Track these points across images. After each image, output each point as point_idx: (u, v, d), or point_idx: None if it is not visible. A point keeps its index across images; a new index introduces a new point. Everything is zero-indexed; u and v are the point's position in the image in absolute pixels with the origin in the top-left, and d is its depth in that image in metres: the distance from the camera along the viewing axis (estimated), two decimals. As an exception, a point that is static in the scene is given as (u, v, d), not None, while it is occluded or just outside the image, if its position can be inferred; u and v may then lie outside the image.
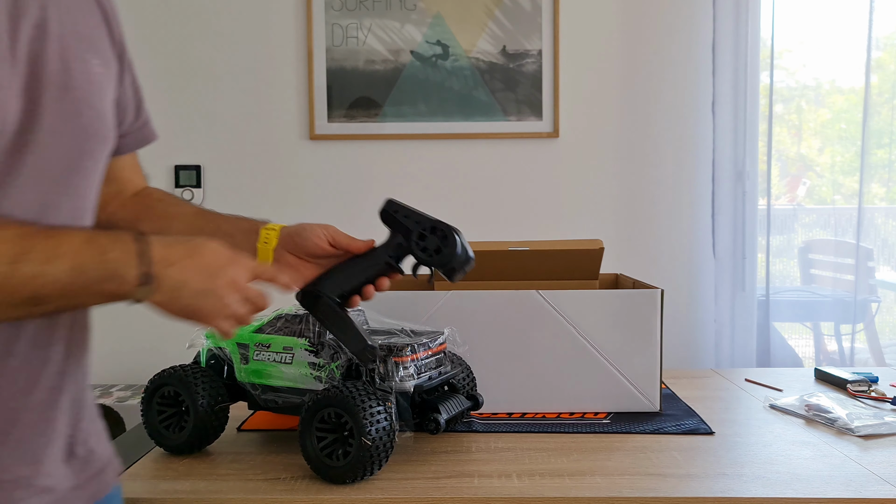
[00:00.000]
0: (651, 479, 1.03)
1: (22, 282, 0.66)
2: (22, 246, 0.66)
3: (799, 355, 2.25)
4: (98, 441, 0.87)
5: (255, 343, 1.17)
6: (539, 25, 2.14)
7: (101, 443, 0.88)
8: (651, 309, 1.31)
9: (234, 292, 0.80)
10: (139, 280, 0.73)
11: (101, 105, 0.82)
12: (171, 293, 0.75)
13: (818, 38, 2.26)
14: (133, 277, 0.72)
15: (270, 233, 0.98)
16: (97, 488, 0.85)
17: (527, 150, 2.19)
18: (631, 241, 2.17)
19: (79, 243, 0.70)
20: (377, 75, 2.15)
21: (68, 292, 0.69)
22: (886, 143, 2.17)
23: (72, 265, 0.69)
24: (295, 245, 0.98)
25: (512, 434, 1.22)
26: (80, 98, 0.77)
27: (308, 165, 2.21)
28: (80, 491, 0.82)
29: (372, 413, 1.00)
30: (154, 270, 0.74)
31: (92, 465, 0.85)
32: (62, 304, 0.71)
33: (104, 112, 0.82)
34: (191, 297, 0.77)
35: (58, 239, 0.69)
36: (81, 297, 0.71)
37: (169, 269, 0.75)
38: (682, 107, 2.15)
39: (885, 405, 1.37)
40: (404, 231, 0.99)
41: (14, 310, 0.68)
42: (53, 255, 0.68)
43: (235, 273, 0.80)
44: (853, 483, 1.01)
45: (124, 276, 0.72)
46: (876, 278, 2.23)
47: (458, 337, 1.24)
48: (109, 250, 0.72)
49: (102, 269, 0.71)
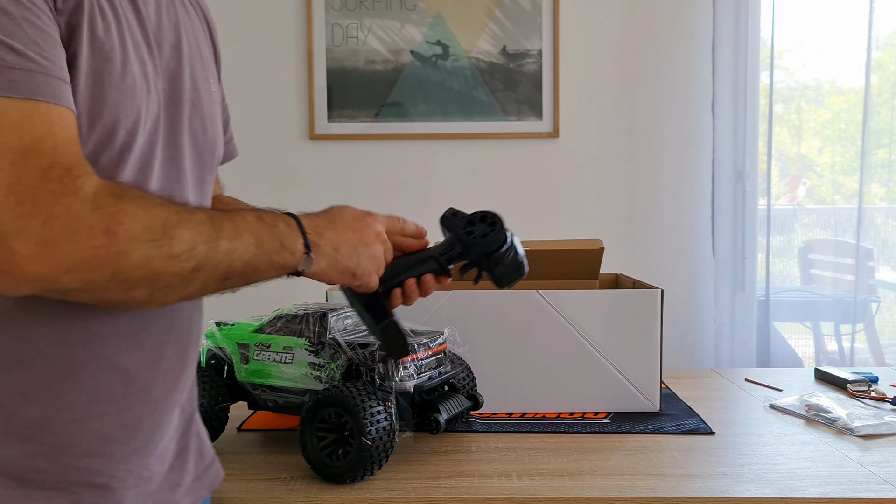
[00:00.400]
0: (651, 479, 1.03)
1: (220, 259, 0.70)
2: (214, 226, 0.70)
3: (799, 355, 2.25)
4: (205, 432, 0.92)
5: (255, 343, 1.17)
6: (539, 25, 2.14)
7: (206, 434, 0.93)
8: (651, 309, 1.31)
9: (380, 242, 0.87)
10: (304, 249, 0.77)
11: (217, 122, 0.88)
12: (330, 257, 0.80)
13: (818, 38, 2.26)
14: (300, 246, 0.77)
15: None
16: (212, 479, 0.90)
17: (527, 150, 2.19)
18: (631, 241, 2.17)
19: (252, 220, 0.74)
20: (377, 75, 2.15)
21: (252, 266, 0.73)
22: (886, 143, 2.17)
23: (254, 240, 0.73)
24: None
25: (512, 434, 1.22)
26: (205, 115, 0.83)
27: (308, 165, 2.21)
28: (198, 483, 0.86)
29: (372, 413, 1.00)
30: (312, 239, 0.79)
31: (205, 457, 0.90)
32: (244, 278, 0.74)
33: (220, 129, 0.89)
34: (348, 257, 0.82)
35: (236, 218, 0.73)
36: (260, 271, 0.74)
37: (322, 236, 0.80)
38: (682, 107, 2.15)
39: (885, 405, 1.37)
40: (455, 229, 0.97)
41: (211, 284, 0.71)
42: (238, 232, 0.72)
43: (376, 224, 0.87)
44: (853, 483, 1.01)
45: (293, 247, 0.76)
46: (876, 278, 2.23)
47: (458, 337, 1.24)
48: (277, 223, 0.76)
49: (277, 242, 0.75)
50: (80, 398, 0.71)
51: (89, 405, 0.71)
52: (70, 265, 0.61)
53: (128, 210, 0.64)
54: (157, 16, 0.78)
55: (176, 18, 0.81)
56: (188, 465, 0.85)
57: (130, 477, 0.75)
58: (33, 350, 0.69)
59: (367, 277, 0.86)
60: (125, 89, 0.70)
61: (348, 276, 0.84)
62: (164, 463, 0.80)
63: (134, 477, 0.75)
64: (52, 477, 0.70)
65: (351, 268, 0.83)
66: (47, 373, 0.70)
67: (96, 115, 0.68)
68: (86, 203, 0.62)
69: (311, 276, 0.80)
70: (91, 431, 0.71)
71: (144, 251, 0.64)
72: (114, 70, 0.69)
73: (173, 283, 0.67)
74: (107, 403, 0.72)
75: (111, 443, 0.73)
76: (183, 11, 0.84)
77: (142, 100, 0.72)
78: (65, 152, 0.62)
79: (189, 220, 0.68)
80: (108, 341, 0.72)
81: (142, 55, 0.73)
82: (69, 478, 0.70)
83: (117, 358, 0.73)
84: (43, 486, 0.69)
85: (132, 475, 0.75)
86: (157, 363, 0.77)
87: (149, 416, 0.76)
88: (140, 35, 0.74)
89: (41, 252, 0.60)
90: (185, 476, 0.84)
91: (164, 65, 0.77)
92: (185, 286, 0.69)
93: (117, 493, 0.73)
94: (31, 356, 0.69)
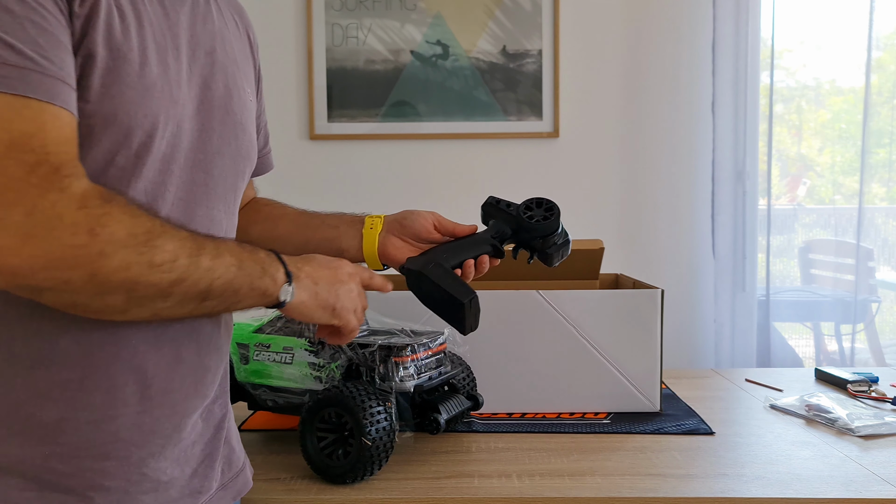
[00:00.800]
0: (651, 480, 1.03)
1: (200, 275, 0.69)
2: (196, 242, 0.70)
3: (799, 355, 2.24)
4: (237, 440, 0.92)
5: (255, 343, 1.17)
6: (539, 25, 2.14)
7: (238, 442, 0.93)
8: (651, 309, 1.31)
9: (355, 282, 0.86)
10: (286, 277, 0.78)
11: (251, 130, 0.89)
12: (310, 289, 0.81)
13: (818, 38, 2.26)
14: (282, 275, 0.77)
15: (375, 220, 1.04)
16: (240, 487, 0.90)
17: (527, 150, 2.18)
18: (631, 241, 2.16)
19: (233, 245, 0.75)
20: (377, 75, 2.15)
21: (232, 287, 0.72)
22: (886, 143, 2.17)
23: (236, 261, 0.73)
24: (402, 228, 1.03)
25: (512, 434, 1.22)
26: (238, 122, 0.84)
27: (308, 165, 2.20)
28: (224, 491, 0.86)
29: (372, 413, 1.00)
30: (292, 269, 0.79)
31: (234, 465, 0.90)
32: (223, 301, 0.73)
33: (253, 137, 0.90)
34: (327, 291, 0.83)
35: (217, 240, 0.74)
36: (240, 294, 0.74)
37: (301, 270, 0.81)
38: (682, 107, 2.15)
39: (886, 405, 1.37)
40: (506, 216, 1.03)
41: (188, 303, 0.70)
42: (220, 252, 0.72)
43: (347, 266, 0.87)
44: (853, 483, 1.01)
45: (274, 274, 0.77)
46: (876, 278, 2.23)
47: (458, 337, 1.24)
48: (258, 251, 0.77)
49: (258, 266, 0.75)
50: (98, 399, 0.71)
51: (107, 407, 0.71)
52: (47, 261, 0.60)
53: (113, 214, 0.63)
54: (192, 22, 0.79)
55: (213, 27, 0.83)
56: (214, 472, 0.84)
57: (146, 481, 0.74)
58: (53, 349, 0.69)
59: (347, 314, 0.85)
60: (143, 90, 0.70)
61: (328, 312, 0.83)
62: (185, 468, 0.79)
63: (150, 481, 0.75)
64: (67, 479, 0.70)
65: (331, 302, 0.83)
66: (66, 373, 0.70)
67: (111, 115, 0.68)
68: (72, 202, 0.61)
69: (290, 311, 0.80)
70: (108, 433, 0.72)
71: (125, 256, 0.63)
72: (131, 70, 0.69)
73: (150, 294, 0.66)
74: (124, 405, 0.72)
75: (127, 446, 0.73)
76: (221, 21, 0.86)
77: (162, 102, 0.72)
78: (55, 151, 0.62)
79: (172, 233, 0.68)
80: (127, 342, 0.73)
81: (165, 59, 0.74)
82: (85, 480, 0.70)
83: (135, 359, 0.73)
84: (58, 488, 0.69)
85: (147, 479, 0.75)
86: (174, 366, 0.77)
87: (166, 420, 0.76)
88: (168, 39, 0.75)
89: (19, 244, 0.59)
90: (210, 483, 0.83)
91: (198, 70, 0.78)
92: (162, 299, 0.67)
93: (132, 497, 0.73)
94: (51, 356, 0.69)
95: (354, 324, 0.86)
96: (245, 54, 0.92)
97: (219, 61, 0.82)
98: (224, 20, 0.87)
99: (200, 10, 0.81)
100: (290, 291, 0.78)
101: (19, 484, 0.68)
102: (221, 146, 0.81)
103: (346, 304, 0.84)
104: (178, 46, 0.76)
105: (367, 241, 1.02)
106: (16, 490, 0.68)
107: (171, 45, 0.75)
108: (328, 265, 0.85)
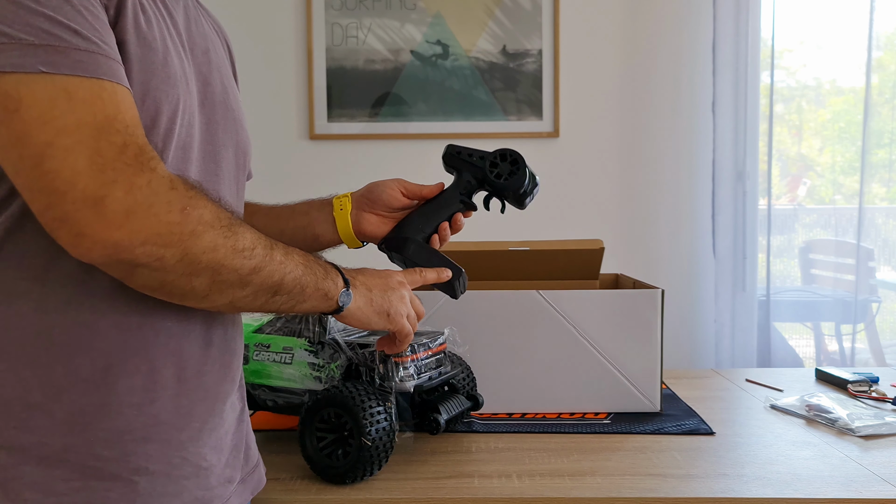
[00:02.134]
0: (651, 480, 1.03)
1: (275, 267, 0.74)
2: (268, 238, 0.75)
3: (799, 355, 2.24)
4: (252, 436, 0.93)
5: (255, 343, 1.16)
6: (539, 25, 2.14)
7: (253, 439, 0.93)
8: (651, 309, 1.31)
9: (405, 289, 0.91)
10: (344, 283, 0.83)
11: (247, 128, 0.92)
12: (365, 296, 0.86)
13: (819, 38, 2.26)
14: (340, 280, 0.83)
15: (343, 199, 1.05)
16: (255, 483, 0.90)
17: (527, 150, 2.16)
18: (631, 241, 2.16)
19: (296, 249, 0.79)
20: (377, 75, 2.15)
21: (300, 285, 0.77)
22: (887, 143, 2.17)
23: (303, 260, 0.78)
24: (371, 203, 1.04)
25: (512, 434, 1.22)
26: (237, 118, 0.87)
27: (308, 165, 2.20)
28: (243, 485, 0.87)
29: (372, 413, 1.00)
30: (348, 276, 0.85)
31: (251, 460, 0.91)
32: (291, 298, 0.77)
33: (249, 135, 0.92)
34: (381, 297, 0.88)
35: (284, 241, 0.78)
36: (306, 293, 0.79)
37: (356, 278, 0.87)
38: (682, 107, 2.15)
39: (886, 405, 1.37)
40: (471, 168, 1.05)
41: (261, 295, 0.74)
42: (289, 251, 0.77)
43: (397, 274, 0.92)
44: (854, 483, 1.01)
45: (335, 279, 0.82)
46: (877, 278, 2.23)
47: (458, 337, 1.24)
48: (319, 257, 0.83)
49: (321, 268, 0.81)
50: (137, 383, 0.72)
51: (147, 390, 0.73)
52: (146, 237, 0.64)
53: (199, 197, 0.68)
54: (187, 24, 0.81)
55: (203, 30, 0.85)
56: (239, 462, 0.86)
57: (187, 465, 0.75)
58: (92, 335, 0.70)
59: (401, 319, 0.90)
60: (166, 77, 0.72)
61: (383, 317, 0.88)
62: (220, 456, 0.81)
63: (190, 465, 0.76)
64: (112, 465, 0.71)
65: (385, 308, 0.88)
66: (106, 358, 0.71)
67: (140, 101, 0.70)
68: (163, 181, 0.65)
69: (348, 316, 0.85)
70: (149, 416, 0.73)
71: (213, 237, 0.68)
72: (156, 59, 0.71)
73: (231, 279, 0.70)
74: (163, 388, 0.74)
75: (168, 429, 0.74)
76: (208, 27, 0.89)
77: (181, 90, 0.74)
78: (135, 132, 0.65)
79: (247, 225, 0.73)
80: (161, 325, 0.74)
81: (179, 51, 0.76)
82: (129, 465, 0.71)
83: (171, 342, 0.75)
84: (103, 475, 0.70)
85: (188, 464, 0.76)
86: (206, 349, 0.78)
87: (201, 403, 0.78)
88: (175, 35, 0.77)
89: (123, 220, 0.62)
90: (237, 473, 0.85)
91: (197, 67, 0.80)
92: (241, 287, 0.72)
93: (174, 481, 0.74)
94: (90, 342, 0.70)
95: (408, 329, 0.91)
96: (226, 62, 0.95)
97: (213, 60, 0.84)
98: (209, 27, 0.90)
99: (192, 14, 0.84)
100: (350, 296, 0.84)
101: (64, 474, 0.69)
102: (226, 139, 0.84)
103: (399, 310, 0.89)
104: (182, 43, 0.78)
105: (340, 223, 1.03)
106: (61, 481, 0.69)
107: (177, 41, 0.77)
108: (379, 274, 0.90)
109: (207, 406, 0.78)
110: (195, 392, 0.77)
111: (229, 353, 0.83)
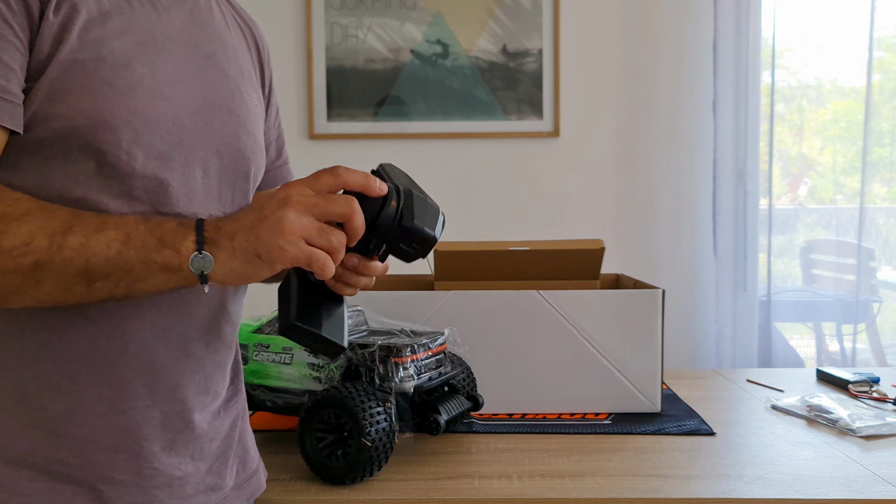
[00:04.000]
0: (652, 480, 1.03)
1: (69, 255, 0.65)
2: (71, 221, 0.66)
3: (800, 356, 2.24)
4: (251, 441, 0.92)
5: (254, 343, 1.16)
6: (539, 24, 2.14)
7: (253, 444, 0.93)
8: (652, 309, 1.31)
9: (288, 207, 0.67)
10: (195, 246, 0.67)
11: (257, 133, 0.88)
12: (227, 248, 0.67)
13: (819, 38, 2.25)
14: (190, 243, 0.67)
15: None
16: (254, 488, 0.90)
17: (527, 150, 2.18)
18: (632, 241, 2.16)
19: (132, 219, 0.68)
20: (377, 74, 2.15)
21: (120, 265, 0.66)
22: (888, 143, 2.16)
23: (121, 236, 0.66)
24: None
25: (512, 435, 1.22)
26: (241, 124, 0.84)
27: (308, 165, 2.18)
28: (238, 491, 0.86)
29: (372, 414, 1.00)
30: (208, 235, 0.68)
31: (248, 466, 0.90)
32: (117, 281, 0.67)
33: (259, 140, 0.89)
34: (245, 240, 0.67)
35: (109, 217, 0.68)
36: (135, 272, 0.67)
37: (220, 230, 0.69)
38: (683, 107, 2.14)
39: (887, 406, 1.37)
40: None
41: (70, 286, 0.66)
42: (101, 227, 0.66)
43: (286, 193, 0.69)
44: (855, 484, 1.01)
45: (177, 244, 0.67)
46: (878, 278, 2.23)
47: (458, 337, 1.24)
48: (165, 223, 0.69)
49: (154, 239, 0.67)
50: (106, 392, 0.71)
51: (115, 400, 0.72)
52: None
53: None
54: (187, 26, 0.80)
55: (212, 32, 0.84)
56: (228, 469, 0.84)
57: (158, 476, 0.75)
58: (61, 342, 0.70)
59: (275, 251, 0.66)
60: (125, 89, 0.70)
61: (256, 264, 0.67)
62: (200, 464, 0.80)
63: (162, 476, 0.75)
64: (77, 471, 0.70)
65: (251, 250, 0.67)
66: (74, 365, 0.70)
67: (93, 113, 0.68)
68: None
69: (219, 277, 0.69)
70: (116, 427, 0.72)
71: None
72: (111, 71, 0.70)
73: (14, 281, 0.64)
74: (132, 399, 0.73)
75: (136, 440, 0.73)
76: (224, 28, 0.87)
77: (150, 100, 0.72)
78: None
79: (37, 215, 0.65)
80: (134, 336, 0.73)
81: (155, 59, 0.74)
82: (94, 473, 0.71)
83: (143, 354, 0.73)
84: (69, 480, 0.70)
85: (159, 474, 0.75)
86: (184, 361, 0.77)
87: (177, 415, 0.76)
88: (159, 40, 0.75)
89: None
90: (225, 481, 0.83)
91: (196, 70, 0.79)
92: (34, 286, 0.65)
93: (144, 491, 0.74)
94: (59, 348, 0.70)
95: (297, 253, 0.67)
96: (251, 65, 0.93)
97: (219, 64, 0.83)
98: (228, 29, 0.88)
99: (200, 16, 0.83)
100: (205, 260, 0.67)
101: (31, 475, 0.69)
102: (221, 145, 0.81)
103: (269, 242, 0.66)
104: (170, 48, 0.77)
105: None
106: (27, 481, 0.69)
107: (162, 47, 0.76)
108: (254, 206, 0.70)
109: (184, 418, 0.77)
110: (170, 404, 0.76)
111: (212, 365, 0.81)
